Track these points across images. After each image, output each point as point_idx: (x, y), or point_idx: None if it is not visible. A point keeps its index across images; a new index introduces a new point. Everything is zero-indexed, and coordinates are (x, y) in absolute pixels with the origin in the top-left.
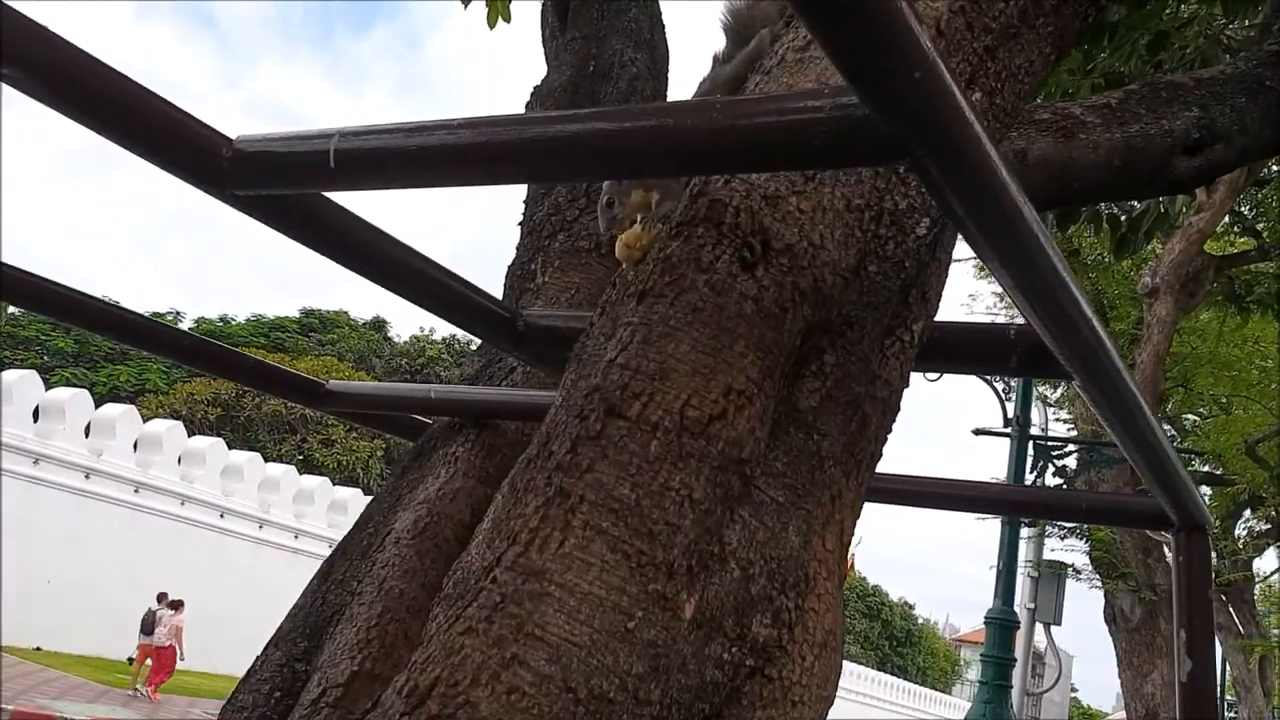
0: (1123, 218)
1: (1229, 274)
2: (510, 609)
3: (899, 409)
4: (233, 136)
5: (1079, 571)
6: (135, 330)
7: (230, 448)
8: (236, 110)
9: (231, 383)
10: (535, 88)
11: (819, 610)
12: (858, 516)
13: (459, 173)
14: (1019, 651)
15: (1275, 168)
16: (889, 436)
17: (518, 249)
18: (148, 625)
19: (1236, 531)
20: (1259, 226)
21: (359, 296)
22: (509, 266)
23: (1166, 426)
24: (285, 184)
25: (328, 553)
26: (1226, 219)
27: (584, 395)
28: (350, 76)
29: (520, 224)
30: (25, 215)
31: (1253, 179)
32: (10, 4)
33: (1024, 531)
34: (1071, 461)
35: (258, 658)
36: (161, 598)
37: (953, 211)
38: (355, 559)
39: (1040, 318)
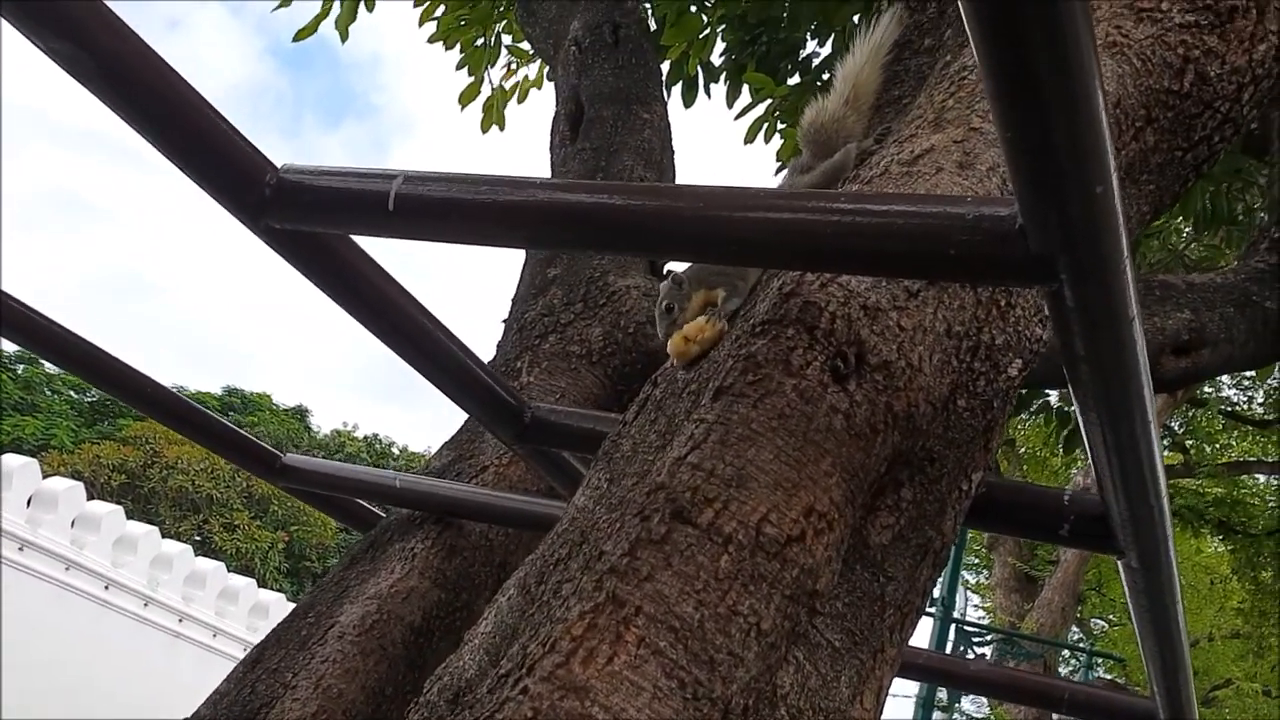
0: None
1: None
2: None
3: (946, 563)
4: (279, 164)
5: None
6: (96, 366)
7: (129, 517)
8: (189, 183)
9: (139, 449)
10: None
11: None
12: (894, 676)
13: (534, 234)
14: None
15: (1209, 389)
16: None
17: (499, 346)
18: None
19: None
20: (1187, 443)
21: (283, 380)
22: (490, 361)
23: (1075, 629)
24: (331, 223)
25: (211, 641)
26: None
27: (645, 493)
28: None
29: (505, 321)
30: None
31: (1187, 397)
32: None
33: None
34: (988, 651)
35: None
36: None
37: (1072, 351)
38: (292, 649)
39: (1118, 483)
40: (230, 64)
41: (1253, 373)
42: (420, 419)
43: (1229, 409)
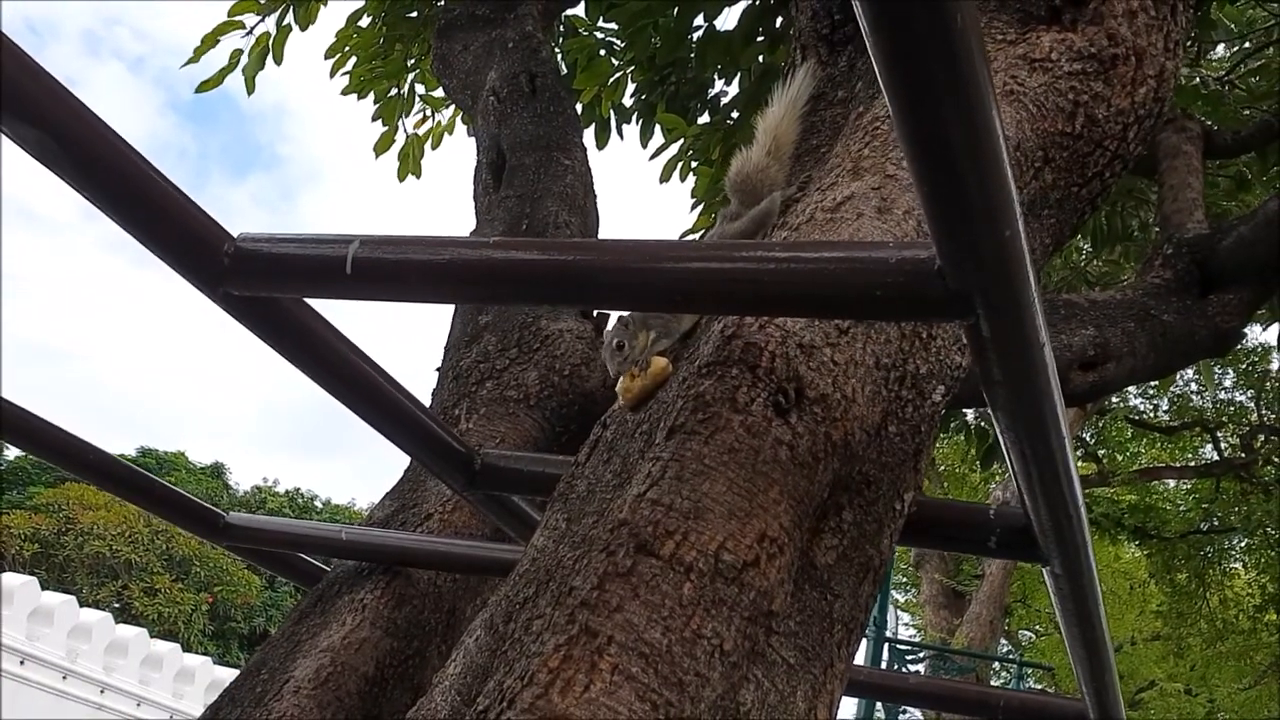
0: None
1: None
2: None
3: (885, 579)
4: (235, 234)
5: None
6: (29, 432)
7: (44, 588)
8: (93, 246)
9: (51, 517)
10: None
11: None
12: (844, 689)
13: (487, 291)
14: None
15: (1116, 400)
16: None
17: (435, 394)
18: None
19: None
20: (1100, 453)
21: (197, 438)
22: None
23: (1004, 641)
24: (289, 288)
25: (135, 711)
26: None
27: (609, 530)
28: (221, 219)
29: (438, 369)
30: None
31: (1096, 409)
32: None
33: None
34: (921, 667)
35: None
36: None
37: (989, 376)
38: (248, 707)
39: (1037, 499)
40: (131, 121)
41: (1156, 382)
42: (338, 469)
43: (1136, 417)
